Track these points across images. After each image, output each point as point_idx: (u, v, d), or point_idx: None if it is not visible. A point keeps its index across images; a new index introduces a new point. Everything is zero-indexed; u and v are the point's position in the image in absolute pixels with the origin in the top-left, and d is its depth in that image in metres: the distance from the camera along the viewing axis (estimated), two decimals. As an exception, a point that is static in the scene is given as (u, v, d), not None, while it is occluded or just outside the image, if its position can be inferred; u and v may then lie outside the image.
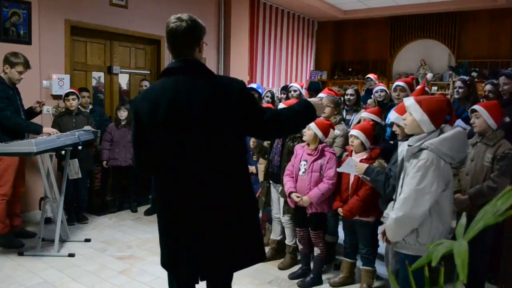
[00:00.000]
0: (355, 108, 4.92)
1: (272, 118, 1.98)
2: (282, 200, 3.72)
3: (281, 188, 3.67)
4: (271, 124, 1.98)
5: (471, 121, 3.08)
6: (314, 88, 6.07)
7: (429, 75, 6.03)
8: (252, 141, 3.84)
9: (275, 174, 3.76)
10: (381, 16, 9.21)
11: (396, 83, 4.25)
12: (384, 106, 4.50)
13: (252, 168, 4.18)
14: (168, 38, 1.92)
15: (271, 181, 3.89)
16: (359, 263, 3.41)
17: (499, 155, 2.90)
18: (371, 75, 6.47)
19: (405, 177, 2.20)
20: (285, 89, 5.71)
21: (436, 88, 8.61)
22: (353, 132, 3.25)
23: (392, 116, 2.61)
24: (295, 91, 5.18)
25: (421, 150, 2.13)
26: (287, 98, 5.37)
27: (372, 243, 3.31)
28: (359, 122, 3.95)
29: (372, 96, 5.00)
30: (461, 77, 4.76)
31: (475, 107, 3.06)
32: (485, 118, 2.97)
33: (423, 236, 2.16)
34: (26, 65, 4.07)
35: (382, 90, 4.84)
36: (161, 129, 1.87)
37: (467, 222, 0.92)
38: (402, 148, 2.36)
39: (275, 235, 3.98)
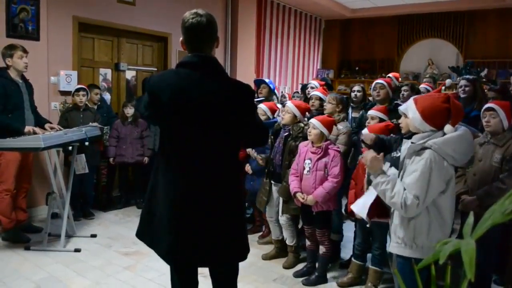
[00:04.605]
0: (362, 105, 4.87)
1: (263, 131, 2.16)
2: (280, 199, 3.70)
3: (279, 186, 3.67)
4: (261, 134, 2.15)
5: (486, 119, 2.97)
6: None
7: (448, 81, 5.92)
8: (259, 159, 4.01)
9: (276, 173, 3.76)
10: (389, 15, 9.16)
11: (376, 81, 4.25)
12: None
13: (247, 168, 4.21)
14: (187, 34, 1.92)
15: (272, 181, 3.87)
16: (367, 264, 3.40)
17: (508, 155, 2.85)
18: (391, 74, 5.95)
19: (404, 173, 2.15)
20: (304, 89, 5.63)
21: (443, 88, 8.55)
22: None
23: (402, 106, 2.56)
24: (312, 88, 5.13)
25: (424, 148, 2.09)
26: (305, 97, 5.31)
27: (386, 245, 3.26)
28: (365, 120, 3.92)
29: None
30: (465, 76, 4.72)
31: (493, 106, 2.96)
32: (501, 118, 2.91)
33: (420, 238, 2.12)
34: (23, 48, 4.06)
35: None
36: (165, 117, 1.93)
37: (474, 222, 0.91)
38: (406, 146, 2.34)
39: (275, 236, 3.97)
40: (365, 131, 3.19)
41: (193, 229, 1.92)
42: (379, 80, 4.22)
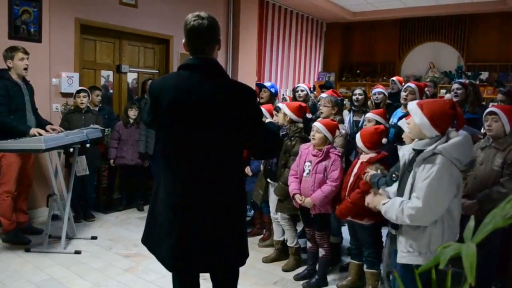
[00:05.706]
0: (363, 109, 4.88)
1: (274, 138, 2.10)
2: (276, 198, 3.71)
3: (276, 185, 3.68)
4: (272, 142, 2.09)
5: (488, 123, 2.97)
6: (327, 85, 6.19)
7: (447, 96, 6.01)
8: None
9: (272, 172, 3.77)
10: (390, 18, 9.17)
11: (408, 84, 4.22)
12: (387, 107, 4.50)
13: (247, 170, 4.21)
14: (189, 37, 1.93)
15: (269, 179, 3.88)
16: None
17: (509, 160, 2.85)
18: (395, 78, 6.12)
19: (416, 181, 2.13)
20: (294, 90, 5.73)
21: (444, 91, 8.55)
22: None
23: (401, 122, 2.58)
24: (302, 91, 5.22)
25: (434, 154, 2.09)
26: (294, 98, 5.38)
27: (375, 245, 3.26)
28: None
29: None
30: (458, 80, 4.72)
31: (496, 110, 2.97)
32: (503, 123, 2.91)
33: (435, 244, 2.10)
34: (24, 50, 4.06)
35: (379, 93, 4.86)
36: (166, 119, 1.93)
37: (475, 226, 0.91)
38: (403, 152, 2.33)
39: (277, 236, 3.97)
40: (357, 136, 3.20)
41: (193, 233, 1.91)
42: (411, 84, 4.12)
